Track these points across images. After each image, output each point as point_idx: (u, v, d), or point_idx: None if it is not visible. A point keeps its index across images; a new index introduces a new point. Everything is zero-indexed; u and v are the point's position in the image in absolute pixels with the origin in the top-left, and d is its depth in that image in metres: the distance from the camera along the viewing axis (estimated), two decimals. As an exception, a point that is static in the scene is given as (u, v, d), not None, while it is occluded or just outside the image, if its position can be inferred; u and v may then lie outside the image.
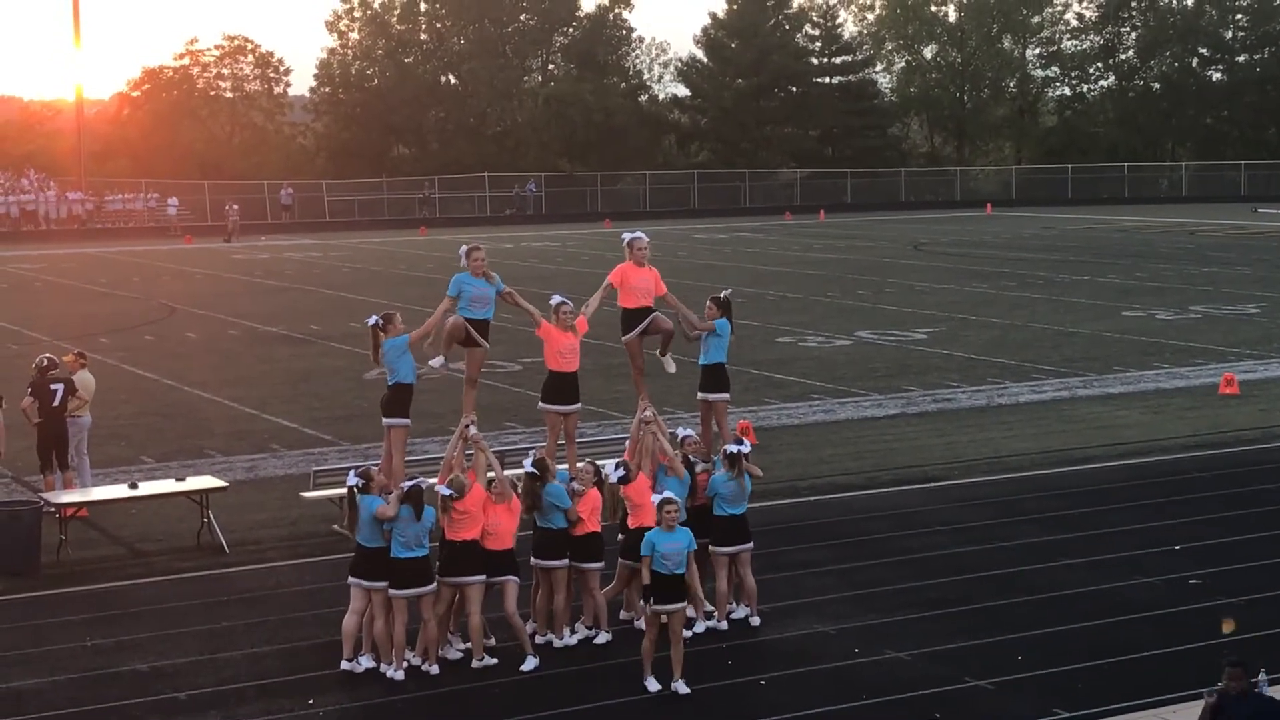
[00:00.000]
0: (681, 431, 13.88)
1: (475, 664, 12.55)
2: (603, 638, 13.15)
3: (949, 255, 53.66)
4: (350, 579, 12.57)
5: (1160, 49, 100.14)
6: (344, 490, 12.82)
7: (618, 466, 13.23)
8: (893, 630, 13.41)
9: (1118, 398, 24.91)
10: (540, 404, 14.17)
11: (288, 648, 13.15)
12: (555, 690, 12.10)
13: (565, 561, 13.03)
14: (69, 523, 16.17)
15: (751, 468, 13.48)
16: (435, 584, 12.48)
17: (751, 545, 13.56)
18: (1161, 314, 35.36)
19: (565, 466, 13.66)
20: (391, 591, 12.33)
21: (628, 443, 14.09)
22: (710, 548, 13.46)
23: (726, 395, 14.54)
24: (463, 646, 12.81)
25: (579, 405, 14.15)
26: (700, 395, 14.59)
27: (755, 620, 13.54)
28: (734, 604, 13.70)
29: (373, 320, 13.30)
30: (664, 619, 11.91)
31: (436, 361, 13.41)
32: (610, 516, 13.27)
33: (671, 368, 14.64)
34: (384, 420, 13.35)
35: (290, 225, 74.72)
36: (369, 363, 13.42)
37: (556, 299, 14.00)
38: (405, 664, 12.39)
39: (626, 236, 14.40)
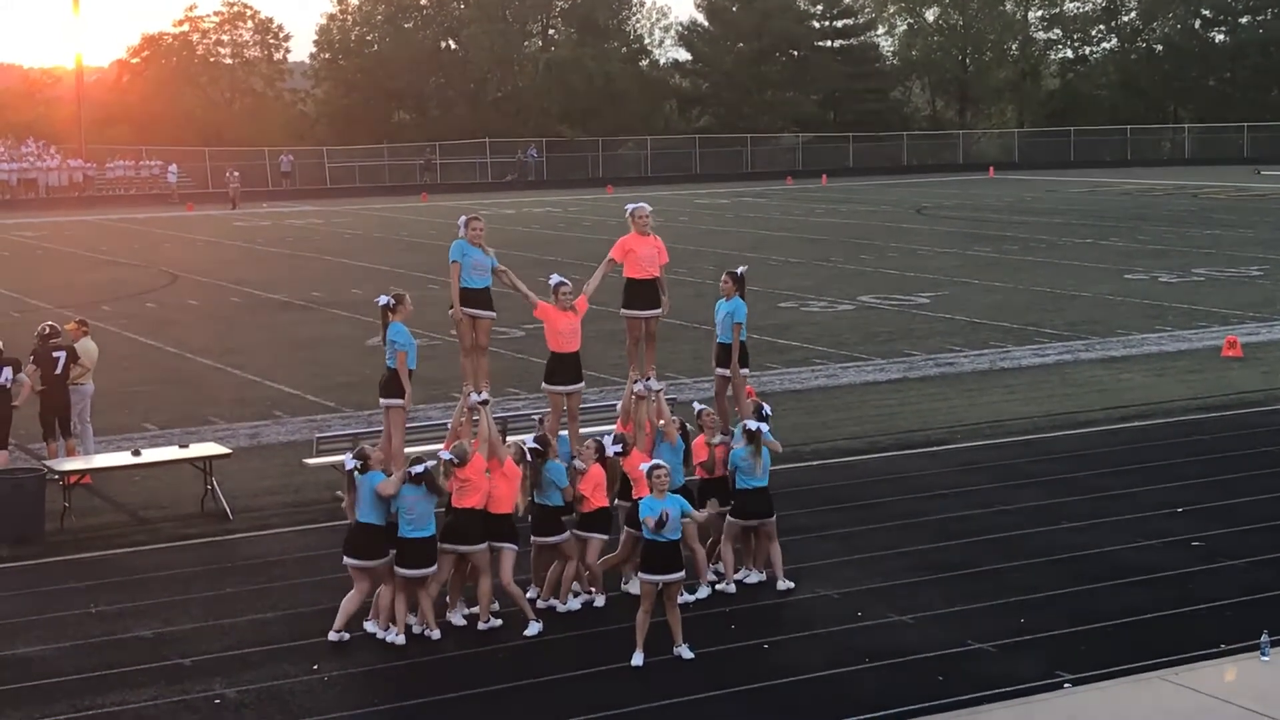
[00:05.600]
0: (697, 406, 13.87)
1: (481, 625, 12.59)
2: (600, 600, 13.22)
3: (951, 219, 53.58)
4: (345, 559, 12.46)
5: (1163, 10, 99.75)
6: (346, 455, 12.76)
7: (615, 441, 13.22)
8: (896, 594, 13.43)
9: (1120, 361, 24.90)
10: (543, 384, 14.10)
11: (292, 613, 13.18)
12: (559, 655, 12.12)
13: (566, 535, 13.05)
14: (73, 490, 16.22)
15: (772, 443, 13.47)
16: (436, 566, 12.52)
17: (773, 519, 13.54)
18: (1164, 277, 35.32)
19: (565, 433, 13.65)
20: (398, 569, 12.36)
21: (619, 412, 14.04)
22: (728, 517, 13.48)
23: (745, 370, 14.40)
24: (468, 612, 12.83)
25: (581, 385, 14.01)
26: (718, 370, 14.38)
27: (784, 584, 13.52)
28: (749, 570, 13.73)
29: (383, 300, 13.14)
30: (659, 586, 11.89)
31: (475, 397, 13.23)
32: (611, 488, 13.27)
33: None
34: (381, 401, 13.26)
35: (291, 192, 74.65)
36: (371, 329, 13.37)
37: (555, 279, 13.85)
38: (407, 628, 12.42)
39: (630, 207, 14.26)
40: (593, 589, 13.30)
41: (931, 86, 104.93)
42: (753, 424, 13.38)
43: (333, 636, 12.44)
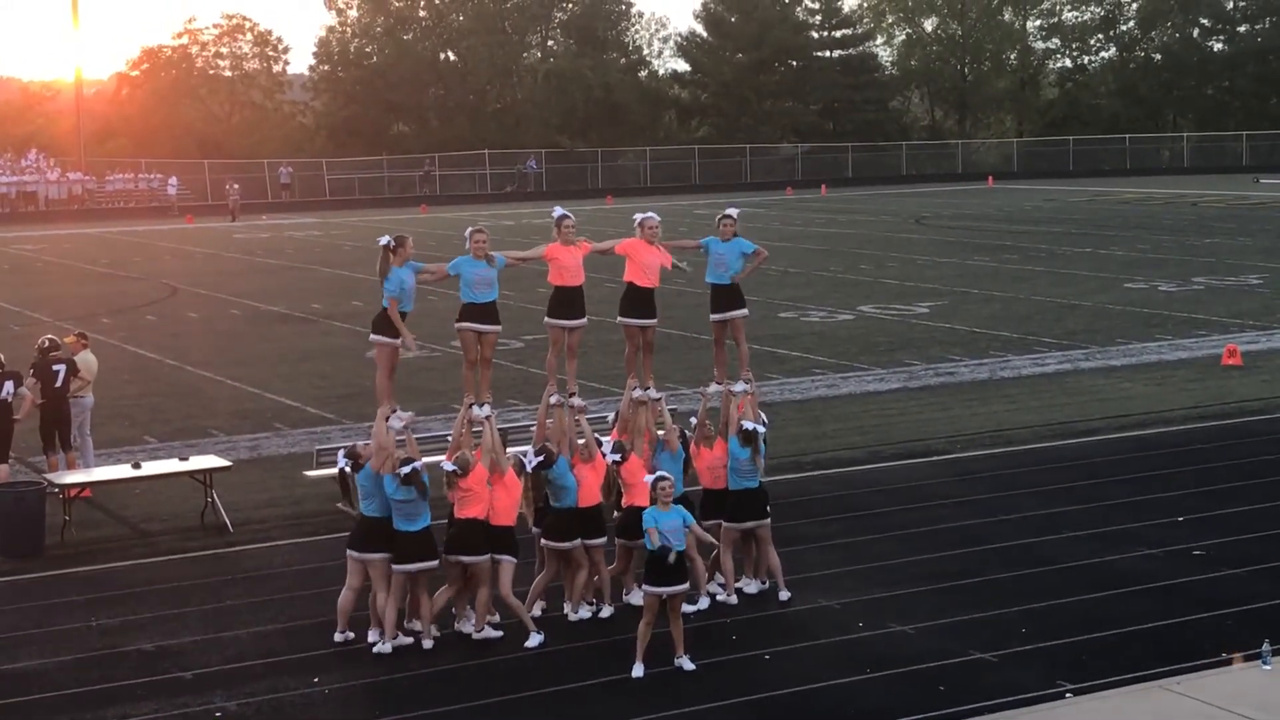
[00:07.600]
0: (693, 420, 13.83)
1: (476, 635, 12.60)
2: (606, 611, 13.23)
3: (951, 229, 53.60)
4: (347, 551, 12.64)
5: (1161, 20, 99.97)
6: (339, 454, 12.84)
7: (615, 450, 13.21)
8: (897, 604, 13.42)
9: (1120, 370, 24.90)
10: (545, 319, 14.03)
11: (292, 626, 13.17)
12: (559, 667, 12.10)
13: (578, 542, 13.06)
14: (73, 503, 16.20)
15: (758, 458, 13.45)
16: (437, 562, 12.53)
17: (768, 521, 13.54)
18: (1164, 286, 35.33)
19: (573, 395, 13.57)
20: (395, 566, 12.38)
21: (616, 421, 14.01)
22: (724, 524, 13.47)
23: (744, 310, 14.21)
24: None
25: (584, 320, 13.87)
26: (714, 316, 14.24)
27: (785, 594, 13.52)
28: (749, 580, 13.72)
29: (384, 240, 13.17)
30: (664, 598, 11.88)
31: (479, 411, 13.30)
32: (606, 496, 13.28)
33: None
34: (372, 337, 13.25)
35: (291, 204, 74.70)
36: (370, 342, 13.37)
37: (558, 212, 13.88)
38: (397, 636, 12.43)
39: (639, 216, 14.20)
40: (594, 600, 13.31)
41: (930, 96, 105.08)
42: (749, 425, 13.37)
43: (338, 638, 12.54)
